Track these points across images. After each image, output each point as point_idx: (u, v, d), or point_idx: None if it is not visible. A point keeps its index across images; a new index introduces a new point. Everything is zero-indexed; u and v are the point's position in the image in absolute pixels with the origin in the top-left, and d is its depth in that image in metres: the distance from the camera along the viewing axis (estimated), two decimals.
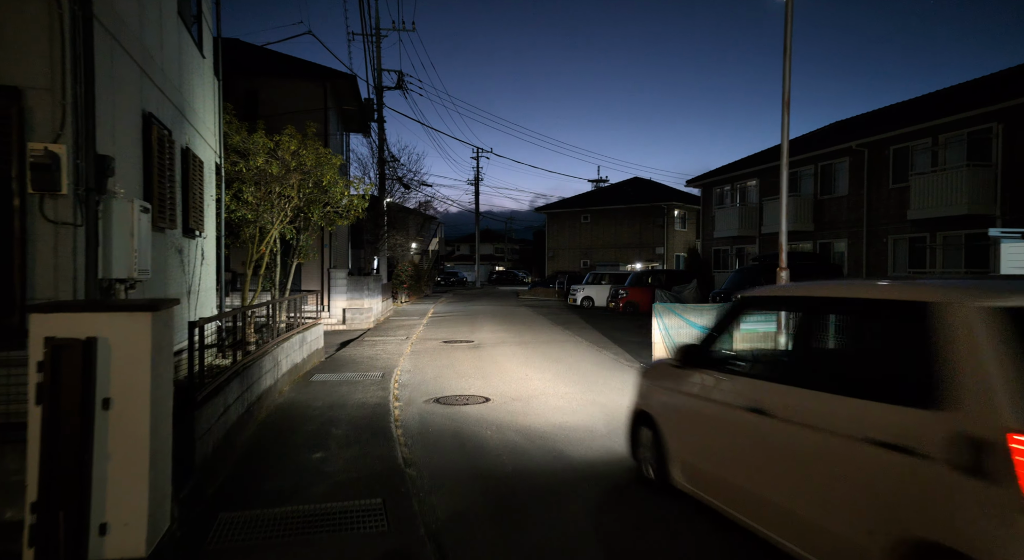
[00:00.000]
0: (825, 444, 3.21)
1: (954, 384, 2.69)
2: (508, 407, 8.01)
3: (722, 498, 4.06)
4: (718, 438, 4.10)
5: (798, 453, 3.40)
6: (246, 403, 6.84)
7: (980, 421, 2.55)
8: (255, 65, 20.33)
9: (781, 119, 7.94)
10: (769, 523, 3.62)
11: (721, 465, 4.06)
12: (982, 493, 2.48)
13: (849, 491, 3.04)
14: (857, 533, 2.97)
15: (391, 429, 6.87)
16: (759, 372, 4.10)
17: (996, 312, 2.67)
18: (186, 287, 8.37)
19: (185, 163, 8.12)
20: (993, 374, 2.56)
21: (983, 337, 2.66)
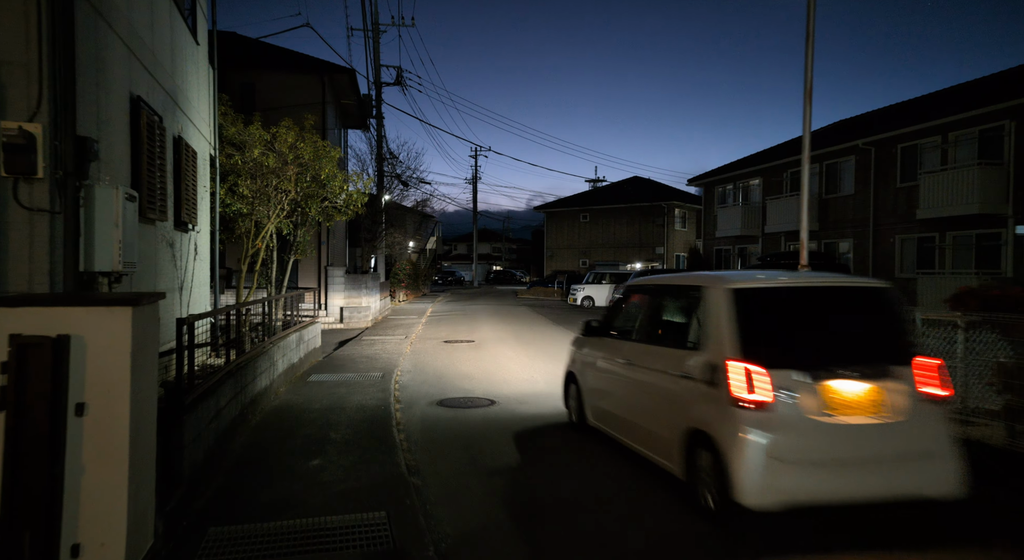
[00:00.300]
0: (655, 378, 5.06)
1: (707, 334, 4.47)
2: (515, 410, 7.65)
3: (610, 426, 5.94)
4: (608, 385, 5.98)
5: (643, 386, 5.29)
6: (240, 405, 6.47)
7: (716, 354, 4.27)
8: (252, 58, 19.92)
9: (803, 110, 7.60)
10: (630, 436, 5.48)
11: (609, 404, 5.92)
12: (714, 395, 4.25)
13: (664, 405, 4.87)
14: (666, 430, 4.79)
15: (393, 434, 6.50)
16: (629, 336, 5.81)
17: (728, 291, 4.39)
18: (178, 282, 7.99)
19: (177, 152, 7.73)
20: (723, 327, 4.30)
21: (721, 306, 4.38)
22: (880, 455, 4.04)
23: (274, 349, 8.71)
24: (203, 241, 9.58)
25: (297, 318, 11.58)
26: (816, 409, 4.03)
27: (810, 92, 7.51)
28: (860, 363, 4.16)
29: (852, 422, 4.05)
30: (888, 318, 4.52)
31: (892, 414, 4.10)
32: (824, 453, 3.98)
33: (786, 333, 4.43)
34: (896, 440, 4.07)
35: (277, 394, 8.47)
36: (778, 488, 3.91)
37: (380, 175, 26.68)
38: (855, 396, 4.09)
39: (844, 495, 3.97)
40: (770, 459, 3.93)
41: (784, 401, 4.01)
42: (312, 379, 9.76)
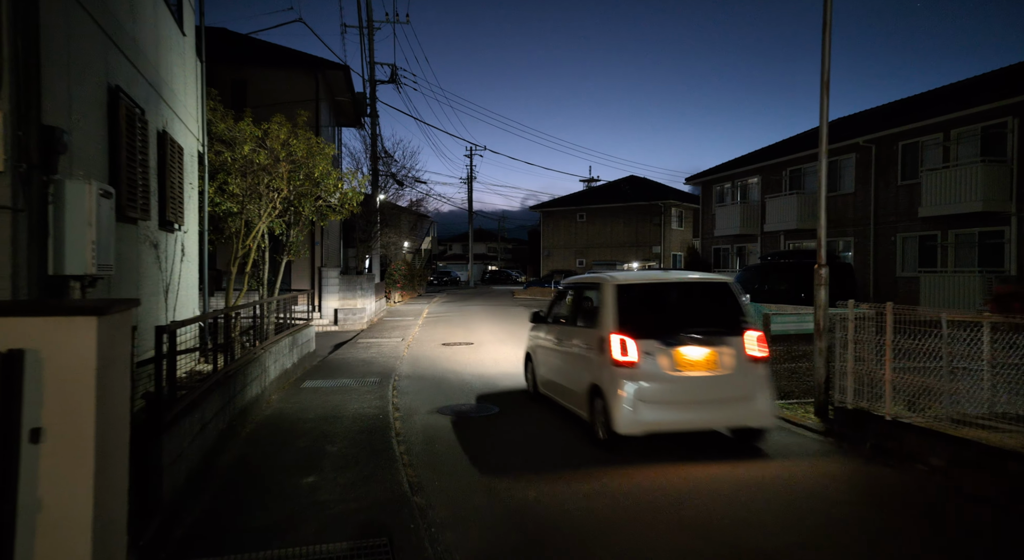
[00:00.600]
0: (573, 351, 6.74)
1: (601, 316, 6.08)
2: (521, 418, 7.26)
3: (552, 391, 7.53)
4: (547, 359, 7.69)
5: (567, 357, 6.97)
6: (228, 417, 6.05)
7: (604, 330, 5.89)
8: (243, 55, 19.44)
9: (820, 101, 7.22)
10: (562, 396, 7.16)
11: (550, 374, 7.57)
12: (603, 359, 5.84)
13: (578, 370, 6.52)
14: (578, 387, 6.44)
15: (393, 446, 6.10)
16: (560, 321, 7.49)
17: (613, 286, 6.09)
18: (163, 286, 7.56)
19: (162, 148, 7.31)
20: (608, 311, 5.96)
21: (608, 296, 6.04)
22: (714, 397, 5.84)
23: (266, 355, 8.29)
24: (191, 242, 9.15)
25: (290, 321, 11.15)
26: (669, 367, 5.78)
27: (827, 82, 7.14)
28: (703, 335, 5.88)
29: (695, 375, 5.81)
30: (727, 303, 6.30)
31: (724, 369, 5.85)
32: (674, 396, 5.78)
33: (651, 314, 6.19)
34: (726, 387, 5.85)
35: (269, 402, 8.05)
36: (641, 420, 5.70)
37: (375, 174, 26.23)
38: (697, 358, 5.83)
39: (687, 424, 5.88)
40: (636, 401, 5.69)
41: (647, 361, 5.76)
42: (306, 385, 9.34)
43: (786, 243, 25.50)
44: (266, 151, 10.55)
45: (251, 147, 10.50)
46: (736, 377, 5.83)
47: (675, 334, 5.83)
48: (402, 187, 31.02)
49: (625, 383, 5.71)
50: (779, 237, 25.88)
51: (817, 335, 7.18)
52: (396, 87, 29.55)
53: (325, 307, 18.48)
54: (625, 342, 5.79)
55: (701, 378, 5.79)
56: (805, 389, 7.93)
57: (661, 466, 5.51)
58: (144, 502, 3.60)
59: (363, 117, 26.48)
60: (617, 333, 5.84)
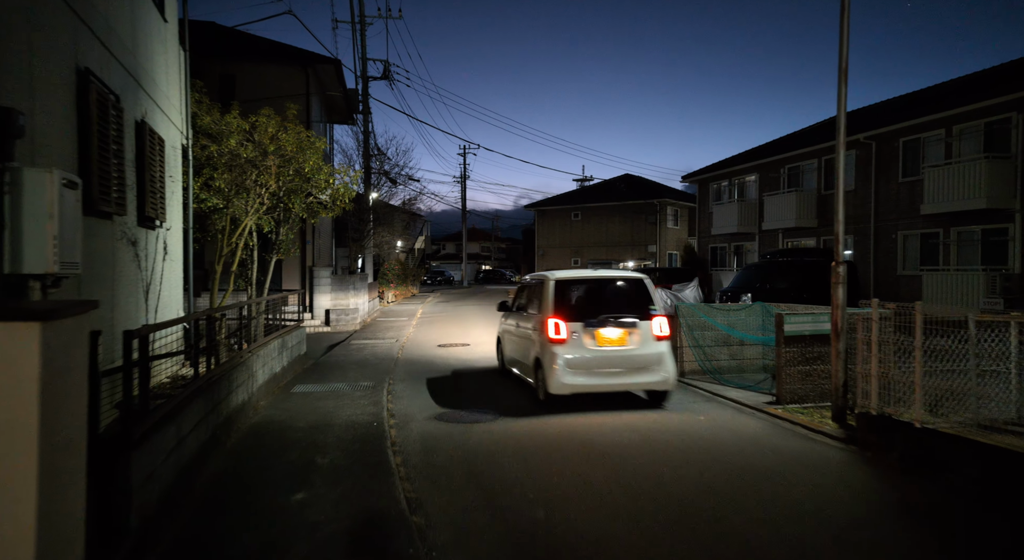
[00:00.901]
0: (525, 333, 8.27)
1: (543, 304, 7.59)
2: (524, 426, 6.86)
3: (513, 366, 9.13)
4: (510, 341, 9.22)
5: (521, 338, 8.51)
6: (211, 427, 5.62)
7: (544, 315, 7.43)
8: (232, 49, 18.95)
9: (838, 88, 6.86)
10: (519, 369, 8.75)
11: (511, 353, 9.18)
12: (543, 338, 7.37)
13: (527, 347, 8.05)
14: (528, 361, 8.04)
15: (388, 457, 5.69)
16: (520, 310, 8.91)
17: (552, 280, 7.69)
18: (143, 286, 7.12)
19: (140, 139, 6.86)
20: (547, 300, 7.51)
21: (548, 288, 7.58)
22: (626, 366, 7.41)
23: (253, 358, 7.85)
24: (174, 240, 8.71)
25: (280, 322, 10.72)
26: (591, 343, 7.38)
27: (845, 70, 6.78)
28: (619, 318, 7.49)
29: (611, 349, 7.41)
30: (641, 294, 7.86)
31: (634, 345, 7.45)
32: (594, 365, 7.35)
33: (579, 302, 7.76)
34: (635, 359, 7.43)
35: (256, 409, 7.61)
36: (569, 384, 7.26)
37: (367, 172, 25.75)
38: (613, 336, 7.43)
39: (605, 387, 7.48)
40: (565, 369, 7.26)
41: (574, 339, 7.36)
42: (296, 390, 8.91)
43: (784, 241, 25.22)
44: (254, 144, 10.12)
45: (238, 141, 10.06)
46: (644, 351, 7.48)
47: (598, 318, 7.49)
48: (395, 185, 30.56)
49: (557, 356, 7.35)
50: (777, 235, 25.59)
51: (835, 336, 6.82)
52: (389, 83, 29.12)
53: (317, 307, 18.02)
54: (558, 324, 7.45)
55: (616, 352, 7.44)
56: (820, 393, 7.58)
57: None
58: (108, 529, 3.19)
59: (355, 114, 26.01)
60: (552, 317, 7.49)
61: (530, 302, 8.49)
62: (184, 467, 4.67)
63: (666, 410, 7.55)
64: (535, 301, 8.19)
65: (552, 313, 7.45)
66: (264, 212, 10.47)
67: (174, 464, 4.40)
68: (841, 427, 6.51)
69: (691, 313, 9.53)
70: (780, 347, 7.49)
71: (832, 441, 6.15)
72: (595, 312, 7.52)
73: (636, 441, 6.19)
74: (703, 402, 7.99)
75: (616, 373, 7.36)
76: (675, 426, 6.75)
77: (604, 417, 7.13)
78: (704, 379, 9.27)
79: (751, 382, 8.82)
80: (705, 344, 9.50)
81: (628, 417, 7.16)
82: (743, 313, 9.72)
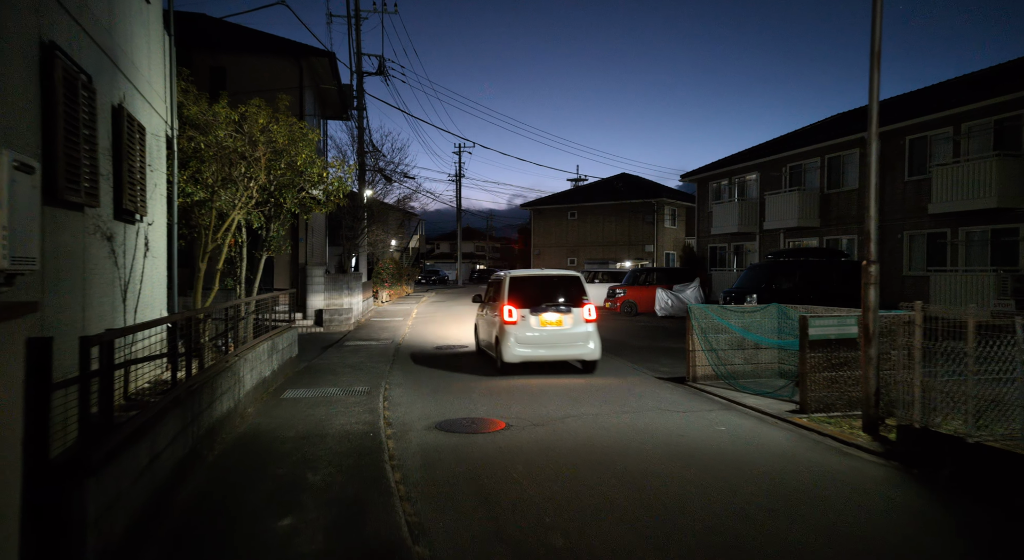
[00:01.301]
0: (489, 319, 10.69)
1: (501, 295, 10.06)
2: (533, 435, 6.37)
3: (483, 346, 11.41)
4: (481, 326, 11.60)
5: (488, 323, 10.84)
6: (191, 440, 5.10)
7: (501, 303, 9.88)
8: (223, 41, 18.36)
9: (870, 73, 6.39)
10: (486, 347, 11.03)
11: (482, 335, 11.49)
12: (500, 320, 9.83)
13: (491, 330, 10.40)
14: (491, 340, 10.48)
15: (387, 473, 5.18)
16: (488, 301, 11.11)
17: (509, 277, 10.33)
18: (120, 285, 6.58)
19: (118, 125, 6.32)
20: (504, 291, 9.95)
21: (504, 283, 10.10)
22: (562, 341, 9.66)
23: (241, 363, 7.32)
24: (157, 235, 8.16)
25: (271, 323, 10.18)
26: (536, 325, 9.59)
27: (878, 54, 6.33)
28: (558, 306, 9.73)
29: (551, 329, 9.62)
30: (576, 287, 10.09)
31: (569, 326, 9.67)
32: (538, 341, 9.59)
33: (528, 294, 9.84)
34: (569, 336, 9.66)
35: (244, 417, 7.09)
36: (518, 354, 9.54)
37: (362, 169, 25.18)
38: (552, 319, 9.63)
39: (545, 357, 9.66)
40: (514, 344, 9.52)
41: (523, 321, 9.56)
42: (287, 396, 8.38)
43: (786, 241, 24.83)
44: (243, 136, 9.57)
45: (227, 132, 9.51)
46: (576, 330, 9.77)
47: (541, 305, 9.79)
48: (390, 183, 30.00)
49: (510, 334, 9.66)
50: (779, 235, 25.20)
51: (866, 341, 6.36)
52: (384, 79, 28.52)
53: (309, 307, 17.47)
54: (511, 310, 9.72)
55: (555, 331, 9.74)
56: (848, 401, 7.12)
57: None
58: None
59: (350, 109, 25.45)
60: (507, 305, 9.77)
61: (494, 295, 10.76)
62: (158, 489, 4.15)
63: (672, 412, 7.36)
64: (497, 294, 10.51)
65: (506, 302, 9.81)
66: (253, 206, 9.94)
67: (146, 486, 3.88)
68: (875, 439, 6.04)
69: (704, 315, 9.06)
70: (804, 352, 7.02)
71: (869, 456, 5.68)
72: (540, 301, 9.84)
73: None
74: (721, 410, 7.52)
75: (554, 347, 9.76)
76: (696, 438, 6.27)
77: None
78: (718, 384, 8.80)
79: (769, 388, 8.36)
80: (719, 347, 9.03)
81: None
82: (758, 315, 9.25)
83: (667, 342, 14.44)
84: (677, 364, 11.01)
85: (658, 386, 8.97)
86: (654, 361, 11.46)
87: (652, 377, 9.75)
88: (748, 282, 18.19)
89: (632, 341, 14.67)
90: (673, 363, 11.16)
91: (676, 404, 7.81)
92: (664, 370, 10.39)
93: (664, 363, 11.20)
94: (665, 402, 7.92)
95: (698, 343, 8.99)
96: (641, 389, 8.75)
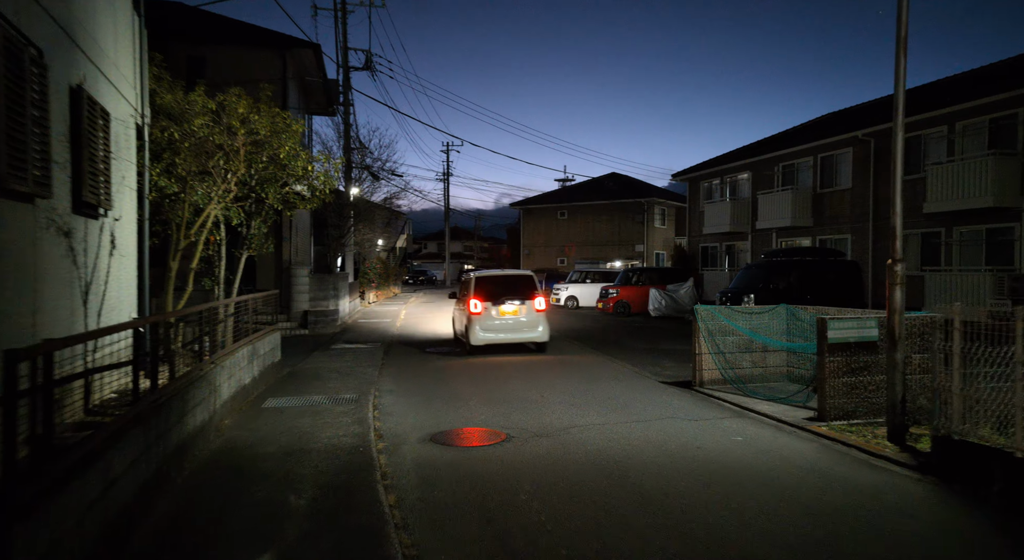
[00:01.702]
0: (461, 311, 13.01)
1: (469, 291, 12.34)
2: (537, 449, 5.85)
3: (456, 334, 13.68)
4: (455, 317, 14.01)
5: (460, 314, 13.21)
6: (157, 460, 4.53)
7: (468, 298, 12.23)
8: (202, 30, 17.66)
9: (896, 61, 5.99)
10: (460, 334, 13.14)
11: (456, 326, 13.71)
12: (467, 311, 12.06)
13: (462, 319, 12.75)
14: (461, 327, 12.85)
15: (379, 495, 4.64)
16: (460, 296, 13.56)
17: (475, 276, 12.61)
18: (81, 286, 5.98)
19: (77, 109, 5.72)
20: (471, 287, 12.18)
21: (471, 281, 12.47)
22: (518, 327, 11.91)
23: (217, 371, 6.74)
24: (125, 232, 7.54)
25: (251, 326, 9.58)
26: (497, 314, 11.78)
27: (904, 38, 5.92)
28: (514, 300, 11.90)
29: (509, 318, 11.84)
30: (528, 284, 12.31)
31: (522, 315, 11.89)
32: (498, 327, 11.81)
33: (490, 290, 11.93)
34: (523, 323, 11.92)
35: (220, 430, 6.50)
36: (482, 338, 11.72)
37: (348, 166, 24.51)
38: (509, 310, 11.83)
39: (505, 340, 11.92)
40: (479, 330, 11.70)
41: (486, 312, 11.72)
42: (268, 405, 7.80)
43: (778, 241, 24.55)
44: (221, 127, 8.97)
45: (204, 122, 8.90)
46: (528, 319, 11.99)
47: (500, 298, 11.90)
48: (377, 180, 29.33)
49: (475, 323, 11.78)
50: (771, 235, 24.92)
51: (892, 345, 5.92)
52: (371, 74, 27.89)
53: (294, 309, 16.82)
54: (476, 303, 11.80)
55: (511, 319, 11.92)
56: (869, 408, 6.68)
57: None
58: None
59: (336, 105, 24.77)
60: (472, 299, 11.83)
61: (464, 291, 12.98)
62: (115, 521, 3.59)
63: (683, 420, 6.91)
64: (466, 290, 12.56)
65: (472, 296, 11.94)
66: (232, 201, 9.33)
67: (98, 520, 3.32)
68: (903, 450, 5.60)
69: (711, 316, 8.61)
70: (824, 357, 6.57)
71: (901, 469, 5.23)
72: (500, 296, 12.01)
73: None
74: (734, 418, 7.05)
75: (512, 331, 11.97)
76: (713, 450, 5.79)
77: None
78: (726, 389, 8.35)
79: (781, 393, 7.92)
80: (727, 350, 8.58)
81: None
82: (766, 316, 8.82)
83: (666, 344, 14.01)
84: (679, 367, 10.56)
85: (664, 391, 8.50)
86: (655, 364, 11.00)
87: (656, 381, 9.28)
88: (745, 282, 17.82)
89: (629, 342, 14.21)
90: (675, 366, 10.71)
91: (686, 411, 7.34)
92: (667, 373, 9.94)
93: (666, 366, 10.75)
94: (674, 409, 7.44)
95: (704, 346, 8.54)
96: (647, 395, 8.27)
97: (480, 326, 11.67)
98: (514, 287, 12.15)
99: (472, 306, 11.73)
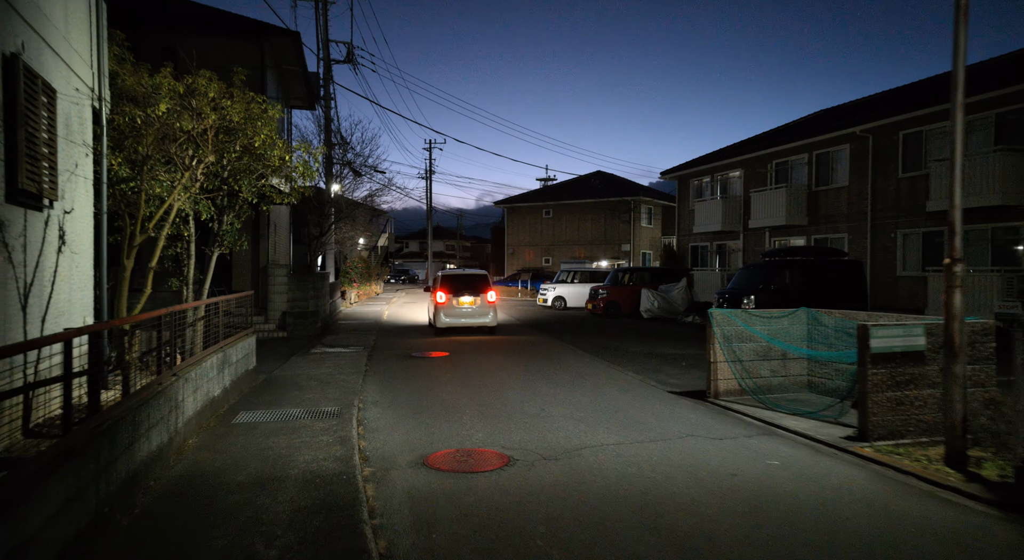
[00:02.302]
0: (432, 301, 16.58)
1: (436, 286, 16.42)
2: (547, 476, 5.11)
3: (431, 321, 16.77)
4: (429, 307, 17.52)
5: (431, 305, 17.04)
6: (97, 501, 3.72)
7: (435, 291, 16.45)
8: (173, 17, 16.65)
9: (955, 32, 5.33)
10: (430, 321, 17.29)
11: (429, 314, 17.35)
12: (434, 301, 16.15)
13: (431, 308, 16.67)
14: (431, 314, 16.65)
15: (367, 542, 3.86)
16: (432, 290, 17.28)
17: (440, 274, 16.76)
18: (19, 287, 5.12)
19: (12, 82, 4.87)
20: (438, 284, 16.24)
21: (439, 277, 16.53)
22: (473, 314, 15.82)
23: (179, 384, 5.91)
24: (78, 227, 6.66)
25: (224, 330, 8.72)
26: (457, 304, 15.76)
27: (965, 7, 5.29)
28: (472, 294, 15.86)
29: (466, 307, 15.78)
30: (484, 280, 16.32)
31: (478, 305, 15.83)
32: (458, 314, 15.78)
33: (453, 285, 15.96)
34: (477, 311, 15.84)
35: (182, 452, 5.67)
36: (445, 322, 15.76)
37: (329, 162, 23.55)
38: (467, 301, 15.79)
39: (464, 325, 15.88)
40: (443, 315, 15.73)
41: (448, 303, 15.73)
42: (240, 420, 6.96)
43: (772, 240, 24.08)
44: (190, 112, 8.11)
45: (170, 106, 8.03)
46: (481, 307, 15.59)
47: (461, 291, 15.56)
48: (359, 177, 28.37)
49: (440, 311, 15.49)
50: (764, 234, 24.43)
51: (951, 355, 5.27)
52: (353, 68, 26.88)
53: (271, 310, 15.91)
54: (441, 295, 15.53)
55: (468, 307, 15.53)
56: (918, 426, 6.03)
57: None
58: None
59: (316, 100, 23.80)
60: (439, 291, 15.64)
61: (433, 285, 16.36)
62: None
63: (705, 438, 6.08)
64: (435, 285, 16.09)
65: (438, 289, 15.63)
66: (200, 193, 8.46)
67: None
68: (969, 479, 4.94)
69: (728, 321, 7.93)
70: (865, 368, 5.90)
71: (976, 504, 4.55)
72: (460, 289, 15.57)
73: None
74: (762, 435, 6.37)
75: (468, 317, 15.48)
76: (749, 477, 5.08)
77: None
78: (745, 400, 7.69)
79: (808, 407, 7.26)
80: (744, 358, 7.91)
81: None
82: (785, 321, 8.17)
83: (663, 347, 13.35)
84: (684, 374, 9.89)
85: (676, 404, 7.80)
86: (658, 370, 10.31)
87: (664, 391, 8.59)
88: (743, 282, 17.23)
89: (626, 346, 13.52)
90: (680, 373, 10.03)
91: (706, 427, 6.64)
92: (674, 382, 9.25)
93: (670, 373, 10.07)
94: (692, 425, 6.74)
95: (721, 353, 7.86)
96: (658, 408, 7.56)
97: (444, 313, 15.52)
98: (472, 283, 15.93)
99: (438, 298, 15.63)
